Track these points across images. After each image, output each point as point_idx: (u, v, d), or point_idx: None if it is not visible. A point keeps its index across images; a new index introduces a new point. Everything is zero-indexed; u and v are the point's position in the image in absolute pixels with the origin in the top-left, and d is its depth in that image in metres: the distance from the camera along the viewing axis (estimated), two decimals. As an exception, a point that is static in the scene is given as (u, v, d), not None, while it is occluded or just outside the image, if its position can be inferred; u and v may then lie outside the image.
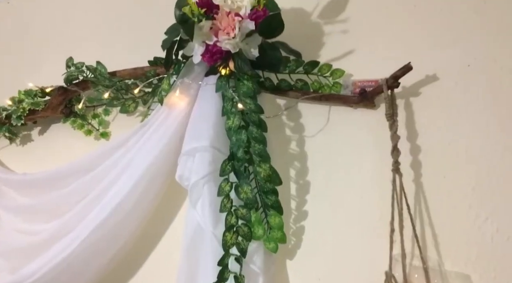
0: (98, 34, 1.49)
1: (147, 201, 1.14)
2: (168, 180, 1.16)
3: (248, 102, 1.06)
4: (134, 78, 1.29)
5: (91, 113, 1.37)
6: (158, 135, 1.15)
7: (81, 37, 1.51)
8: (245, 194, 1.01)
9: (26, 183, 1.28)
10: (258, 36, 1.08)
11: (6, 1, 1.69)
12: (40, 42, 1.57)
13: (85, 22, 1.53)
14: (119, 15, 1.48)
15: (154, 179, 1.14)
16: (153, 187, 1.14)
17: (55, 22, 1.58)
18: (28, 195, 1.28)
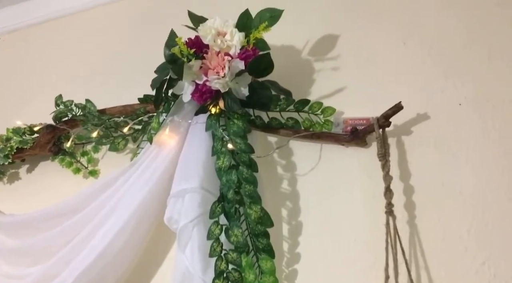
0: (88, 72, 1.49)
1: (135, 243, 1.11)
2: (157, 221, 1.13)
3: (239, 142, 1.05)
4: (124, 115, 1.28)
5: (80, 151, 1.35)
6: (147, 175, 1.13)
7: (71, 75, 1.51)
8: (235, 238, 0.98)
9: (13, 224, 1.25)
10: (248, 75, 1.08)
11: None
12: (30, 79, 1.57)
13: (75, 59, 1.53)
14: (110, 53, 1.49)
15: (142, 221, 1.11)
16: (142, 229, 1.11)
17: (45, 59, 1.58)
18: (15, 237, 1.24)
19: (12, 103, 1.55)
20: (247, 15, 1.12)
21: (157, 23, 1.44)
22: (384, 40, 1.14)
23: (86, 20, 1.56)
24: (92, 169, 1.33)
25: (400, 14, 1.15)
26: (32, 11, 1.66)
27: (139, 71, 1.40)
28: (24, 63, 1.61)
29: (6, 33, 1.68)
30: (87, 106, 1.29)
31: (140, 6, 1.50)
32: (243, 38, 1.10)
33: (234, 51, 1.09)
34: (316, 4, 1.26)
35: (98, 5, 1.56)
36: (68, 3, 1.60)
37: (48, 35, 1.61)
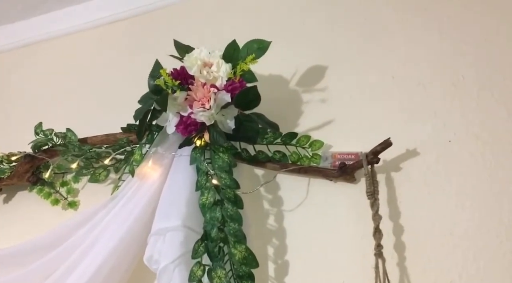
0: (70, 99, 1.45)
1: (117, 279, 1.06)
2: (137, 260, 1.08)
3: (224, 177, 1.01)
4: (106, 145, 1.24)
5: (60, 181, 1.30)
6: (128, 209, 1.08)
7: (51, 102, 1.47)
8: (218, 280, 0.93)
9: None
10: (234, 108, 1.05)
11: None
12: (8, 106, 1.52)
13: (56, 86, 1.49)
14: (92, 80, 1.45)
15: (122, 259, 1.05)
16: (121, 267, 1.06)
17: (24, 85, 1.54)
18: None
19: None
20: (234, 46, 1.10)
21: (143, 50, 1.41)
22: (372, 73, 1.13)
23: (68, 46, 1.53)
24: (72, 200, 1.28)
25: (389, 47, 1.14)
26: (11, 35, 1.62)
27: (122, 100, 1.37)
28: (1, 89, 1.56)
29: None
30: (68, 135, 1.25)
31: (126, 32, 1.47)
32: (230, 69, 1.08)
33: (221, 83, 1.06)
34: (304, 35, 1.24)
35: (81, 30, 1.53)
36: (50, 27, 1.57)
37: (27, 60, 1.57)
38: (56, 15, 1.58)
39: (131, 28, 1.49)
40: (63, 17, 1.57)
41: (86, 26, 1.54)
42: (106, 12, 1.53)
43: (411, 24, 1.13)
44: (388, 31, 1.15)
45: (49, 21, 1.57)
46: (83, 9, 1.56)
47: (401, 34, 1.14)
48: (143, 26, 1.48)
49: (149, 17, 1.49)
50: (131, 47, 1.45)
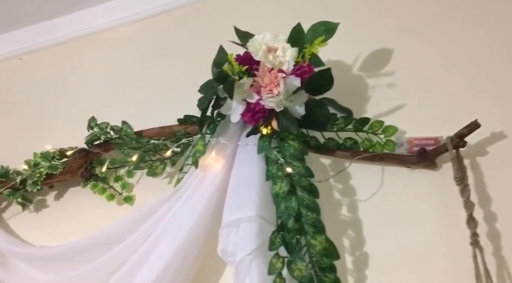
0: (119, 91, 1.41)
1: (183, 276, 1.02)
2: (203, 252, 1.04)
3: (297, 165, 0.96)
4: (162, 137, 1.20)
5: (113, 176, 1.26)
6: (192, 202, 1.04)
7: (99, 95, 1.44)
8: (299, 272, 0.88)
9: (44, 257, 1.15)
10: (304, 93, 1.00)
11: (19, 58, 1.62)
12: (55, 101, 1.49)
13: (104, 79, 1.46)
14: (141, 71, 1.41)
15: (188, 252, 1.02)
16: (188, 261, 1.02)
17: (71, 79, 1.51)
18: (45, 272, 1.14)
19: (34, 125, 1.47)
20: (299, 29, 1.06)
21: (194, 40, 1.38)
22: (446, 54, 1.07)
23: (117, 37, 1.49)
24: (127, 195, 1.25)
25: (465, 25, 1.08)
26: (55, 30, 1.59)
27: (175, 91, 1.34)
28: (49, 84, 1.53)
29: (27, 53, 1.61)
30: (124, 128, 1.21)
31: (177, 21, 1.43)
32: (296, 54, 1.03)
33: (287, 68, 1.02)
34: (366, 18, 1.19)
35: (130, 22, 1.49)
36: (96, 21, 1.54)
37: (74, 54, 1.54)
38: (99, 9, 1.55)
39: (176, 20, 1.45)
40: (105, 11, 1.54)
41: (130, 19, 1.51)
42: (149, 5, 1.50)
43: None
44: (462, 8, 1.09)
45: (94, 15, 1.54)
46: (125, 3, 1.53)
47: (477, 12, 1.08)
48: (189, 17, 1.44)
49: (194, 7, 1.45)
50: (182, 36, 1.41)
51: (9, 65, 1.60)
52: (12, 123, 1.49)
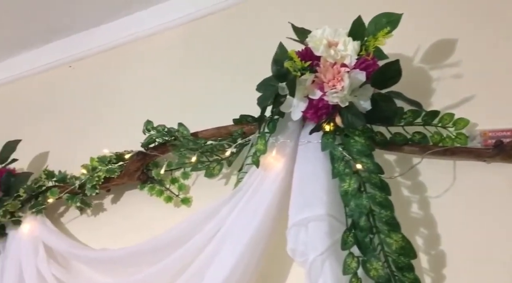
0: (169, 94, 1.42)
1: (248, 277, 1.00)
2: (266, 252, 1.03)
3: (365, 162, 0.93)
4: (217, 138, 1.19)
5: (169, 178, 1.27)
6: (254, 202, 1.03)
7: (148, 99, 1.45)
8: (375, 271, 0.85)
9: (106, 260, 1.16)
10: (370, 87, 0.97)
11: (69, 65, 1.65)
12: (107, 106, 1.51)
13: (152, 83, 1.47)
14: (191, 74, 1.42)
15: (254, 252, 1.00)
16: (253, 261, 1.00)
17: (121, 84, 1.52)
18: (108, 275, 1.15)
19: (86, 131, 1.49)
20: (360, 22, 1.02)
21: (243, 39, 1.37)
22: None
23: (165, 40, 1.50)
24: (184, 197, 1.25)
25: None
26: (103, 36, 1.61)
27: (227, 91, 1.33)
28: (98, 90, 1.56)
29: (76, 60, 1.65)
30: (180, 130, 1.21)
31: (224, 22, 1.43)
32: (358, 47, 1.00)
33: (350, 62, 0.99)
34: (428, 7, 1.15)
35: (177, 25, 1.50)
36: (143, 25, 1.55)
37: (123, 59, 1.56)
38: (145, 13, 1.56)
39: (224, 20, 1.45)
40: (152, 16, 1.55)
41: (177, 22, 1.51)
42: (195, 7, 1.50)
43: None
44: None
45: (141, 20, 1.55)
46: (171, 6, 1.54)
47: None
48: (236, 17, 1.43)
49: (241, 7, 1.44)
50: (228, 39, 1.41)
51: (59, 72, 1.64)
52: (65, 129, 1.52)
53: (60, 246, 1.21)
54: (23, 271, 1.18)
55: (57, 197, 1.27)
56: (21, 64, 1.66)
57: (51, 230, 1.25)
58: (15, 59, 1.66)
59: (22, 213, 1.27)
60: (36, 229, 1.24)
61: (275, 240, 1.03)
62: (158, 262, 1.06)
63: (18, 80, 1.66)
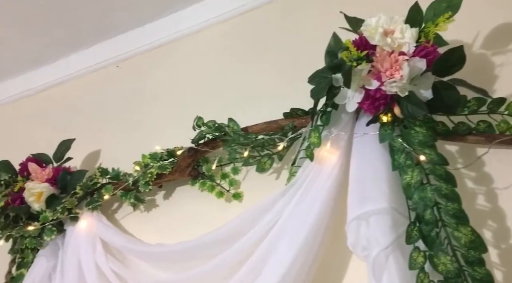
0: (215, 90, 1.42)
1: (306, 271, 0.99)
2: (322, 248, 1.01)
3: (428, 153, 0.90)
4: (269, 132, 1.18)
5: (220, 174, 1.27)
6: (310, 197, 1.01)
7: (195, 96, 1.45)
8: (443, 266, 0.82)
9: (162, 255, 1.17)
10: (431, 75, 0.93)
11: (116, 65, 1.69)
12: (154, 104, 1.52)
13: (197, 79, 1.47)
14: (237, 69, 1.41)
15: (311, 247, 0.99)
16: (310, 257, 0.99)
17: (169, 81, 1.54)
18: (164, 269, 1.17)
19: (135, 128, 1.52)
20: (417, 8, 0.99)
21: (288, 32, 1.36)
22: None
23: (211, 37, 1.51)
24: (235, 192, 1.24)
25: None
26: (149, 36, 1.63)
27: (273, 85, 1.32)
28: (145, 88, 1.57)
29: (123, 60, 1.67)
30: (230, 125, 1.21)
31: (269, 15, 1.42)
32: (417, 34, 0.96)
33: (408, 50, 0.95)
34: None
35: (221, 21, 1.50)
36: (187, 23, 1.56)
37: (169, 57, 1.57)
38: (189, 11, 1.57)
39: (269, 14, 1.44)
40: (196, 13, 1.56)
41: (221, 18, 1.51)
42: (238, 2, 1.50)
43: None
44: None
45: (185, 17, 1.56)
46: (214, 3, 1.54)
47: None
48: (281, 10, 1.42)
49: (285, 0, 1.42)
50: (272, 33, 1.40)
51: (107, 72, 1.67)
52: (115, 127, 1.55)
53: (116, 241, 1.23)
54: (82, 266, 1.21)
55: (111, 193, 1.30)
56: (70, 66, 1.70)
57: (107, 226, 1.28)
58: (65, 61, 1.71)
59: (79, 210, 1.31)
60: (93, 225, 1.27)
61: (332, 235, 1.02)
62: (213, 257, 1.06)
63: (68, 81, 1.71)
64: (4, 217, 1.33)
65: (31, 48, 1.67)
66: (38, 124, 1.69)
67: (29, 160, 1.39)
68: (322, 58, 1.05)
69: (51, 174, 1.35)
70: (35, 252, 1.33)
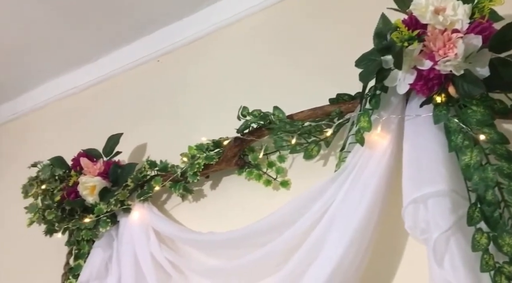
0: (256, 79, 1.43)
1: (361, 257, 0.98)
2: (375, 234, 1.00)
3: (488, 132, 0.88)
4: (315, 119, 1.18)
5: (266, 162, 1.27)
6: (362, 182, 1.00)
7: (237, 86, 1.46)
8: (508, 247, 0.80)
9: (213, 243, 1.20)
10: (487, 52, 0.90)
11: (157, 60, 1.72)
12: (195, 96, 1.54)
13: (237, 70, 1.48)
14: (277, 57, 1.41)
15: (365, 233, 0.98)
16: (363, 245, 0.98)
17: (209, 73, 1.55)
18: (216, 257, 1.19)
19: (178, 121, 1.55)
20: (469, -17, 0.95)
21: (333, 16, 1.34)
22: None
23: (249, 27, 1.51)
24: (283, 180, 1.25)
25: None
26: (187, 29, 1.65)
27: (316, 71, 1.32)
28: (186, 81, 1.59)
29: (163, 54, 1.70)
30: (275, 113, 1.22)
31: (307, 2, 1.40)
32: (470, 11, 0.93)
33: (461, 27, 0.92)
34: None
35: (258, 10, 1.50)
36: (225, 14, 1.57)
37: (208, 49, 1.58)
38: (225, 2, 1.58)
39: (303, 2, 1.43)
40: (232, 4, 1.56)
41: (257, 8, 1.51)
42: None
43: None
44: None
45: (221, 9, 1.57)
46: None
47: None
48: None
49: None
50: (312, 19, 1.38)
51: (148, 67, 1.70)
52: (160, 121, 1.58)
53: (169, 230, 1.27)
54: (137, 256, 1.25)
55: (161, 185, 1.34)
56: (112, 63, 1.75)
57: (159, 216, 1.31)
58: (107, 58, 1.75)
59: (130, 202, 1.35)
60: (145, 216, 1.31)
61: (386, 219, 1.01)
62: (265, 245, 1.07)
63: (113, 77, 1.75)
64: (60, 210, 1.39)
65: (74, 47, 1.72)
66: (85, 121, 1.74)
67: (81, 155, 1.44)
68: (364, 42, 1.03)
69: (102, 168, 1.40)
70: (90, 244, 1.38)
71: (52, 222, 1.37)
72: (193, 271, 1.19)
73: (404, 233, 0.96)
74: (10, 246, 1.67)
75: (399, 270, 1.02)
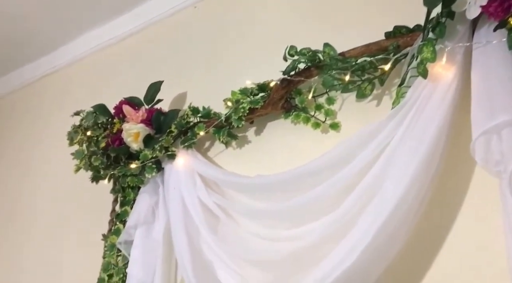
0: (305, 18, 1.35)
1: (423, 192, 0.93)
2: (438, 170, 0.94)
3: None
4: (368, 55, 1.10)
5: (314, 105, 1.22)
6: (424, 117, 0.94)
7: (280, 27, 1.40)
8: None
9: (261, 186, 1.17)
10: None
11: (193, 6, 1.66)
12: (235, 42, 1.49)
13: (284, 8, 1.41)
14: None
15: (429, 168, 0.92)
16: (425, 183, 0.93)
17: (249, 17, 1.49)
18: (264, 200, 1.16)
19: (217, 67, 1.50)
20: None
21: None
22: None
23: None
24: (332, 122, 1.19)
25: None
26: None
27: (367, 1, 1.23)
28: (224, 28, 1.54)
29: (199, 1, 1.64)
30: (326, 51, 1.15)
31: None
32: None
33: None
34: None
35: None
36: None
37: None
38: None
39: None
40: None
41: None
42: None
43: None
44: None
45: None
46: None
47: None
48: None
49: None
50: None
51: (185, 14, 1.65)
52: (200, 67, 1.54)
53: (214, 175, 1.25)
54: (185, 200, 1.24)
55: (205, 131, 1.31)
56: (149, 11, 1.71)
57: (204, 162, 1.29)
58: (143, 7, 1.71)
59: (174, 148, 1.33)
60: (190, 162, 1.29)
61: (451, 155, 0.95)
62: (315, 186, 1.03)
63: (151, 26, 1.72)
64: (105, 157, 1.38)
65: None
66: (124, 71, 1.73)
67: (123, 103, 1.42)
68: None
69: (145, 116, 1.37)
70: (136, 191, 1.38)
71: (98, 168, 1.37)
72: (240, 214, 1.18)
73: (468, 167, 0.92)
74: (58, 193, 1.71)
75: (464, 204, 0.96)
